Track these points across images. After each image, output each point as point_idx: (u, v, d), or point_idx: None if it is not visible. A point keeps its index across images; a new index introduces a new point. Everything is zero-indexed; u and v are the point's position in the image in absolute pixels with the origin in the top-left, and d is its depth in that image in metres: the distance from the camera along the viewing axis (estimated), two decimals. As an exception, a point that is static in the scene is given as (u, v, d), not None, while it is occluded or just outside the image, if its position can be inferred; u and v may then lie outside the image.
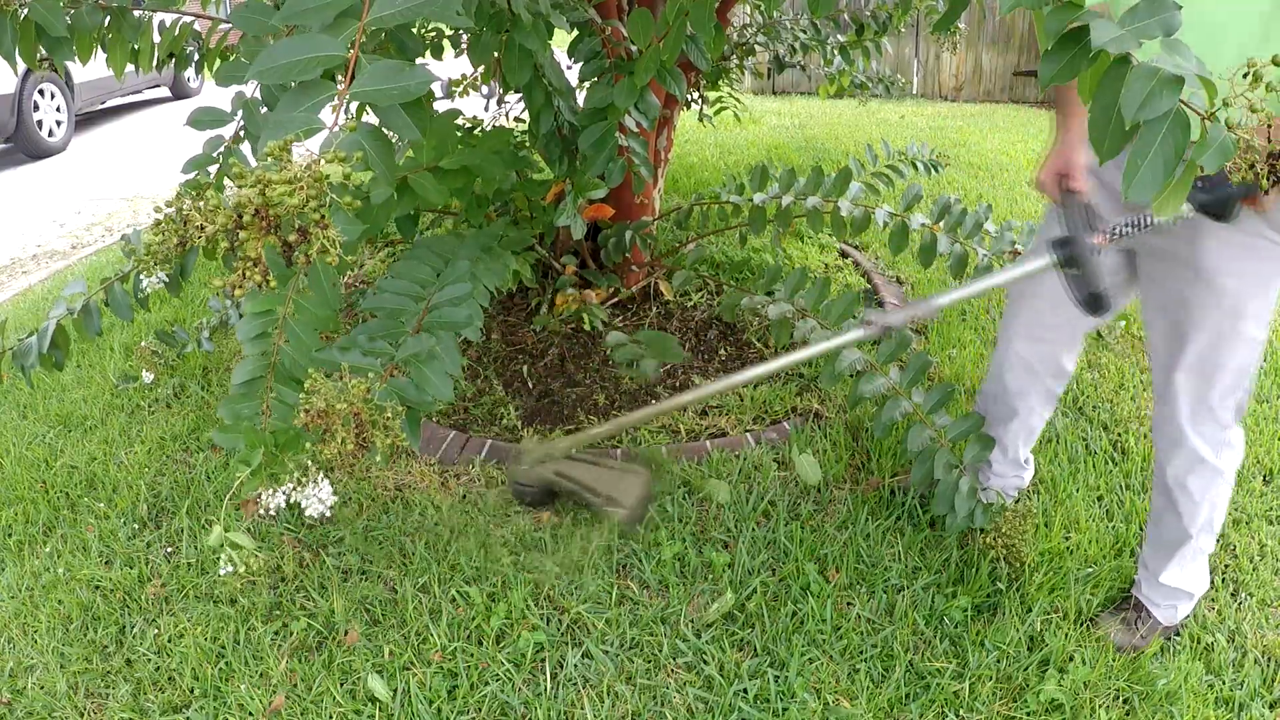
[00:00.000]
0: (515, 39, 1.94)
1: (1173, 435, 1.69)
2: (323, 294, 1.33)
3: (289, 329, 1.34)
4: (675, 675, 1.76)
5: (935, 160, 3.01)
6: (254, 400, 1.31)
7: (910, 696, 1.71)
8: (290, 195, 0.73)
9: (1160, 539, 1.80)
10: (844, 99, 8.76)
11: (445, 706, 1.69)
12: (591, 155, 2.17)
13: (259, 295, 1.37)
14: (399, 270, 1.69)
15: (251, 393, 1.33)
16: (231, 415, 1.31)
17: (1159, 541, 1.80)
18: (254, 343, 1.37)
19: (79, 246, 4.91)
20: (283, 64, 0.94)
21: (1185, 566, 1.80)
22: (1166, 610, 1.83)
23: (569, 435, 2.19)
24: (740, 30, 4.13)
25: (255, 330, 1.38)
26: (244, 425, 1.22)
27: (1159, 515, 1.79)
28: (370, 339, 1.42)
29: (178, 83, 9.39)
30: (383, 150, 0.98)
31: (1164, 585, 1.81)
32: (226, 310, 2.75)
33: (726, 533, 2.13)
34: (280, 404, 1.32)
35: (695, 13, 1.76)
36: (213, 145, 1.87)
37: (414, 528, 2.16)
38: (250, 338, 1.37)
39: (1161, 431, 1.72)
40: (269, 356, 1.33)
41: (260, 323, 1.38)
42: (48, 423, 2.75)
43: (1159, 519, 1.79)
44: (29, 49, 1.82)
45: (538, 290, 3.18)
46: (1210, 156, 0.70)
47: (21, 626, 1.94)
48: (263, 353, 1.34)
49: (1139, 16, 0.76)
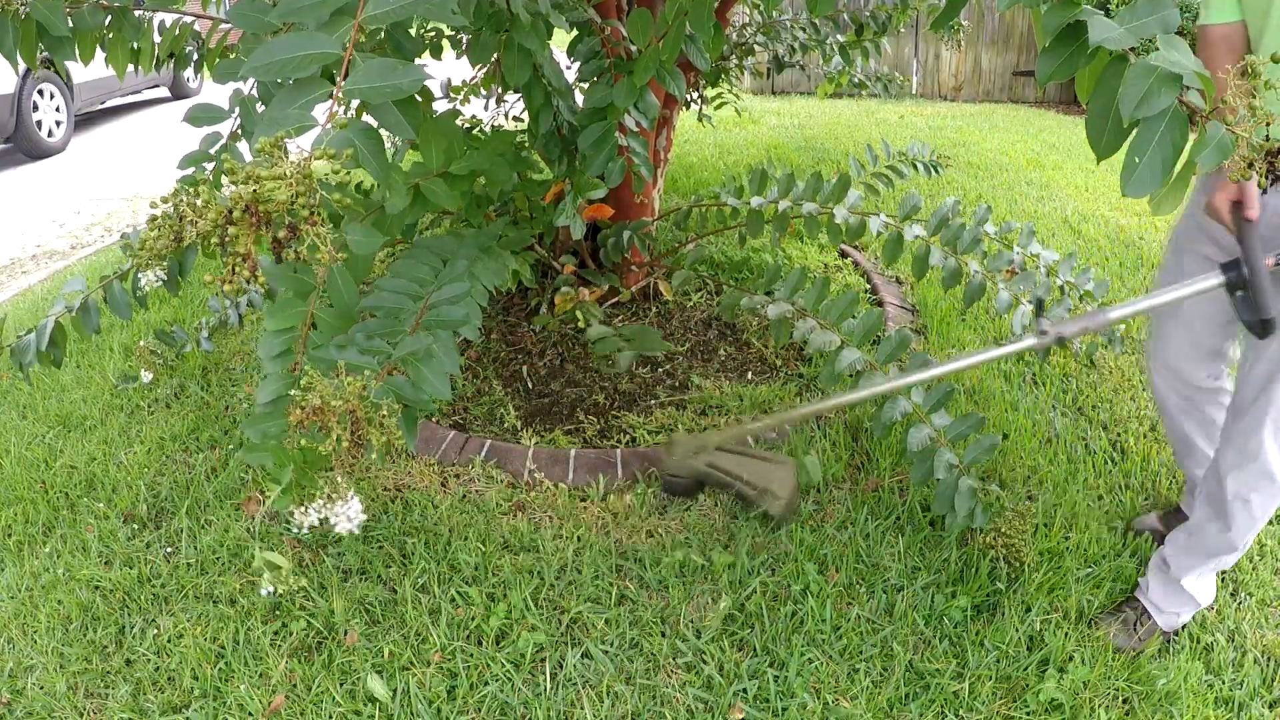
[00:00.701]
0: (514, 39, 1.94)
1: (1250, 449, 1.65)
2: (343, 305, 1.34)
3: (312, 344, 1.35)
4: (675, 675, 1.76)
5: (935, 162, 3.00)
6: (280, 418, 1.31)
7: (910, 696, 1.71)
8: (279, 191, 0.73)
9: (1197, 547, 1.78)
10: (843, 99, 8.77)
11: (445, 706, 1.69)
12: (591, 155, 2.17)
13: (279, 311, 1.38)
14: (398, 269, 1.69)
15: (277, 411, 1.33)
16: (259, 434, 1.31)
17: (1195, 549, 1.78)
18: (277, 360, 1.37)
19: (78, 247, 4.91)
20: (278, 61, 0.94)
21: (1207, 577, 1.80)
22: (1169, 617, 1.82)
23: (722, 429, 2.24)
24: (739, 30, 4.13)
25: (278, 348, 1.38)
26: (272, 444, 1.22)
27: (1201, 525, 1.77)
28: (368, 337, 1.42)
29: (177, 83, 9.39)
30: (374, 148, 0.98)
31: (1182, 591, 1.80)
32: (226, 310, 2.75)
33: (726, 532, 2.13)
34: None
35: (694, 12, 1.76)
36: (209, 142, 1.88)
37: (413, 527, 2.16)
38: (272, 356, 1.38)
39: (1235, 444, 1.68)
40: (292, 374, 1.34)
41: (282, 340, 1.38)
42: (47, 423, 2.75)
43: (1201, 528, 1.77)
44: (30, 49, 1.83)
45: (537, 290, 3.17)
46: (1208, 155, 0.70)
47: (21, 627, 1.94)
48: (286, 370, 1.35)
49: (1138, 14, 0.76)
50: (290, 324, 1.39)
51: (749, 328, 3.11)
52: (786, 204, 2.47)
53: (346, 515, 1.19)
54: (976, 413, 1.99)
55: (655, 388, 2.79)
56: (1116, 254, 3.98)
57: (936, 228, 2.35)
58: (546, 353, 3.00)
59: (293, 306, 1.40)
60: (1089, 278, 2.44)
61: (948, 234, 2.33)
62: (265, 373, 1.38)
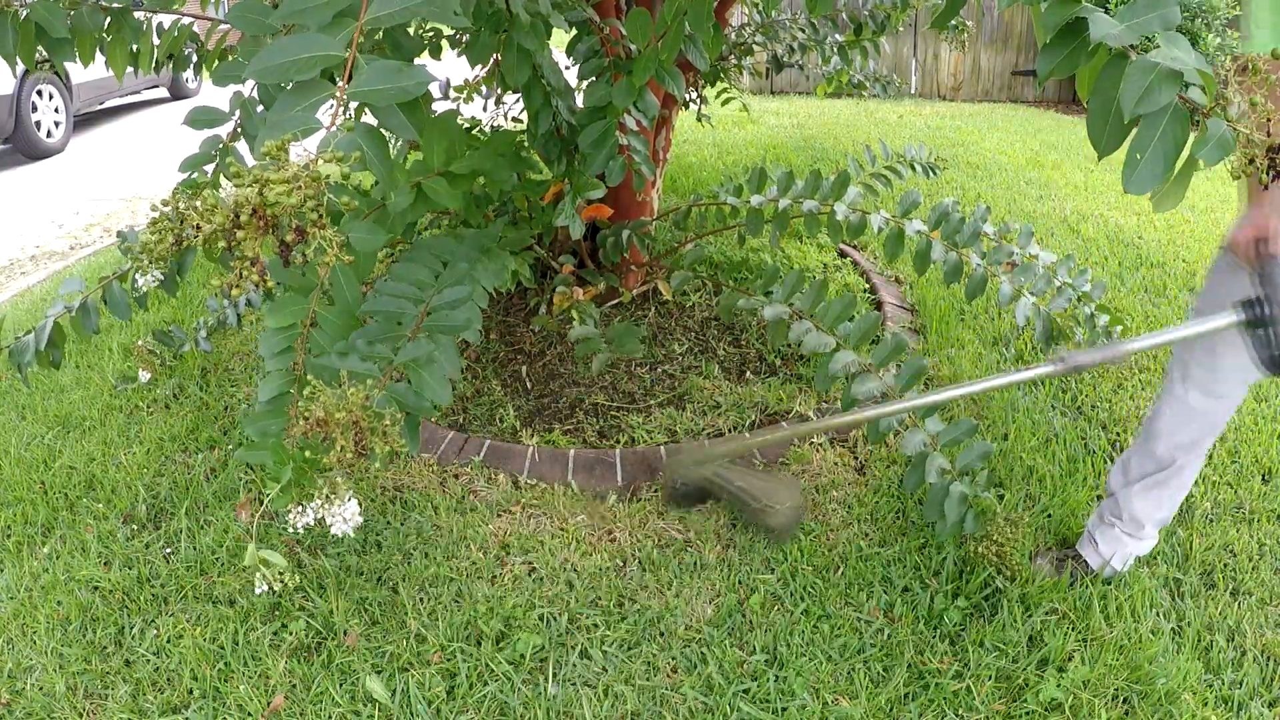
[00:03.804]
0: (514, 38, 1.93)
1: (1165, 384, 1.81)
2: (345, 303, 1.34)
3: (313, 341, 1.34)
4: (674, 676, 1.76)
5: (933, 163, 3.01)
6: (281, 417, 1.31)
7: (910, 696, 1.71)
8: (288, 195, 0.73)
9: (1133, 473, 1.90)
10: (842, 99, 8.77)
11: (444, 707, 1.69)
12: (591, 154, 2.17)
13: (280, 309, 1.37)
14: (397, 272, 1.68)
15: (278, 409, 1.32)
16: (259, 432, 1.30)
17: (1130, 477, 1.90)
18: (278, 358, 1.36)
19: (77, 247, 4.90)
20: (280, 63, 0.94)
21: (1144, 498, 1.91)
22: (1099, 557, 1.96)
23: (728, 440, 2.28)
24: (738, 30, 4.13)
25: (279, 345, 1.38)
26: (271, 442, 1.22)
27: (1128, 459, 1.93)
28: (369, 344, 1.42)
29: (176, 83, 9.39)
30: (380, 150, 0.98)
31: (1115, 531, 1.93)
32: (224, 310, 2.75)
33: (726, 533, 2.13)
34: None
35: (693, 12, 1.75)
36: (209, 144, 1.87)
37: (413, 528, 2.16)
38: (274, 353, 1.37)
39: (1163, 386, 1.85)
40: (293, 371, 1.33)
41: (283, 337, 1.38)
42: (46, 423, 2.75)
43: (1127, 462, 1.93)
44: (29, 50, 1.82)
45: (536, 291, 3.17)
46: (1209, 151, 0.70)
47: (20, 627, 1.94)
48: (287, 368, 1.34)
49: (1138, 11, 0.76)
50: (291, 321, 1.38)
51: (748, 328, 3.11)
52: (787, 202, 2.47)
53: (343, 516, 1.19)
54: (969, 419, 1.97)
55: (655, 388, 2.79)
56: (1115, 254, 3.98)
57: (936, 222, 2.35)
58: (546, 353, 3.00)
59: (294, 304, 1.40)
60: (1086, 279, 2.45)
61: (948, 228, 2.33)
62: (266, 371, 1.38)
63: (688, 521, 2.17)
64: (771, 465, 2.39)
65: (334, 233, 0.75)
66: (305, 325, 1.38)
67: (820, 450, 2.43)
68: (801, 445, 2.46)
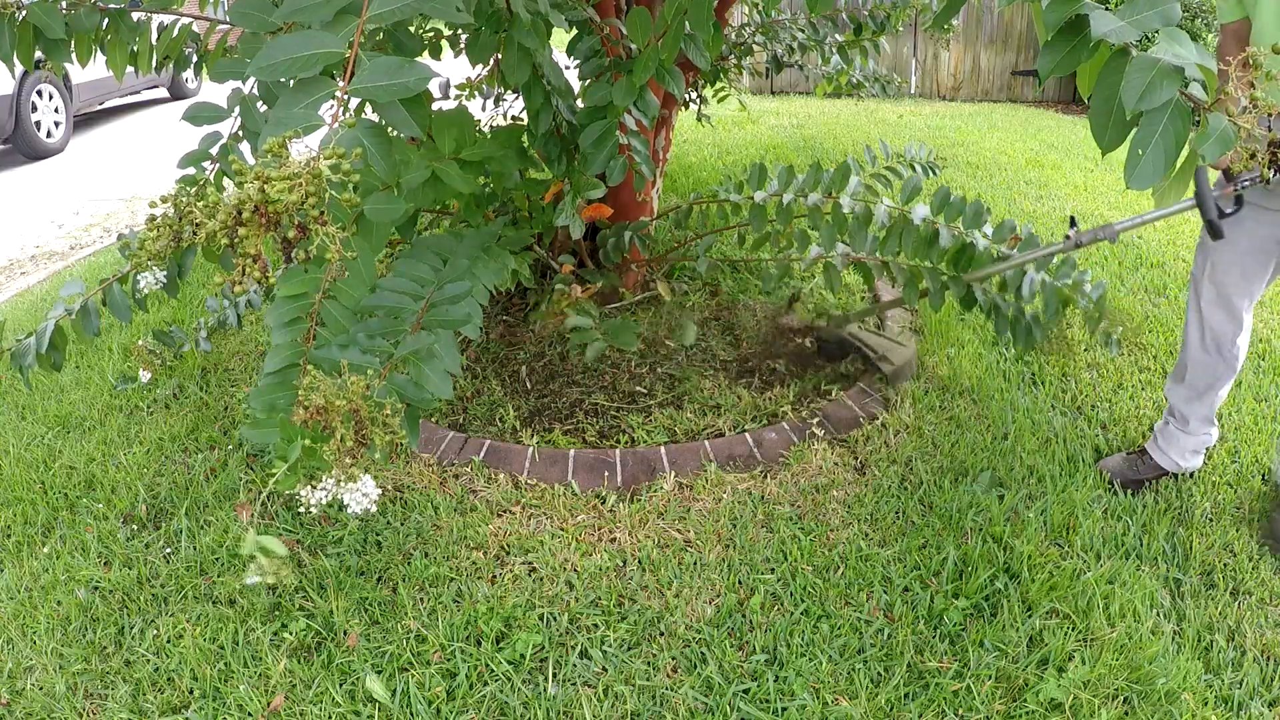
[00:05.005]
0: (514, 37, 1.93)
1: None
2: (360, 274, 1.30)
3: (325, 312, 1.29)
4: (674, 676, 1.76)
5: (933, 163, 3.01)
6: (288, 390, 1.22)
7: (910, 696, 1.71)
8: (289, 192, 0.73)
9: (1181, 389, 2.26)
10: (842, 98, 8.77)
11: (444, 707, 1.69)
12: (592, 154, 2.17)
13: (292, 278, 1.31)
14: (398, 269, 1.68)
15: (285, 382, 1.25)
16: (264, 407, 1.20)
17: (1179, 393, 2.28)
18: (286, 329, 1.29)
19: (77, 247, 4.90)
20: (282, 61, 0.94)
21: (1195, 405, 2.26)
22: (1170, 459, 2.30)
23: (859, 307, 3.20)
24: (738, 30, 4.13)
25: (288, 315, 1.30)
26: (279, 417, 1.13)
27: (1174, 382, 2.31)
28: (369, 337, 1.41)
29: (176, 83, 9.39)
30: (382, 146, 0.98)
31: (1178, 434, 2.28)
32: (224, 311, 2.75)
33: (726, 533, 2.13)
34: None
35: (693, 12, 1.75)
36: (209, 141, 1.87)
37: (413, 528, 2.15)
38: (283, 323, 1.29)
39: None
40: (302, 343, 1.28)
41: (294, 307, 1.30)
42: (46, 424, 2.75)
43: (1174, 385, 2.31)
44: (27, 51, 1.82)
45: (536, 290, 3.17)
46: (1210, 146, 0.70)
47: (20, 627, 1.93)
48: (296, 339, 1.28)
49: (1139, 8, 0.76)
50: (303, 289, 1.31)
51: (748, 328, 3.11)
52: (790, 196, 2.46)
53: (362, 492, 1.13)
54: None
55: (655, 388, 2.79)
56: (1115, 253, 3.98)
57: (939, 207, 2.35)
58: (546, 353, 3.00)
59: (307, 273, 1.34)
60: (1086, 279, 2.44)
61: (950, 211, 2.33)
62: (274, 343, 1.30)
63: (687, 521, 2.17)
64: (771, 464, 2.39)
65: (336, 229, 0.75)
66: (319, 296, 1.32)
67: (820, 450, 2.43)
68: (802, 445, 2.46)
